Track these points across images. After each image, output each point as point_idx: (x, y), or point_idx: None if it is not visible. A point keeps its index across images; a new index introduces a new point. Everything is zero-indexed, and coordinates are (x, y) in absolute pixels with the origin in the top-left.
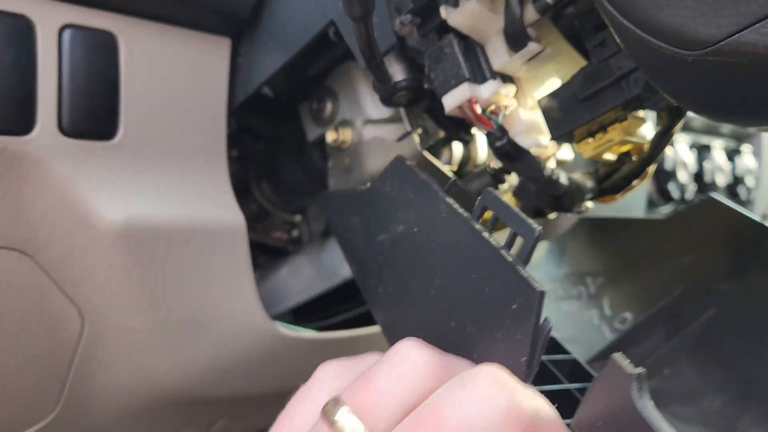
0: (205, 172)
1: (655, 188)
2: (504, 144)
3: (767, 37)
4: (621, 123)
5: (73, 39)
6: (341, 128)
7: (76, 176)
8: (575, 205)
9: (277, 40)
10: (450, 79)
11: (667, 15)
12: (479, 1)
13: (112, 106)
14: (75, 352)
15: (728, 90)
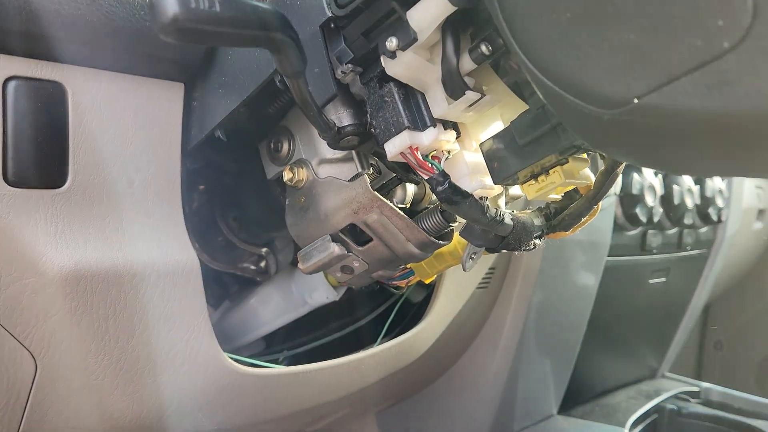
0: (159, 214)
1: (622, 212)
2: (445, 189)
3: (674, 100)
4: (562, 166)
5: (17, 90)
6: (297, 167)
7: (23, 225)
8: (522, 243)
9: (228, 86)
10: (391, 126)
11: (583, 75)
12: (416, 52)
13: (61, 155)
14: (29, 393)
15: (644, 145)
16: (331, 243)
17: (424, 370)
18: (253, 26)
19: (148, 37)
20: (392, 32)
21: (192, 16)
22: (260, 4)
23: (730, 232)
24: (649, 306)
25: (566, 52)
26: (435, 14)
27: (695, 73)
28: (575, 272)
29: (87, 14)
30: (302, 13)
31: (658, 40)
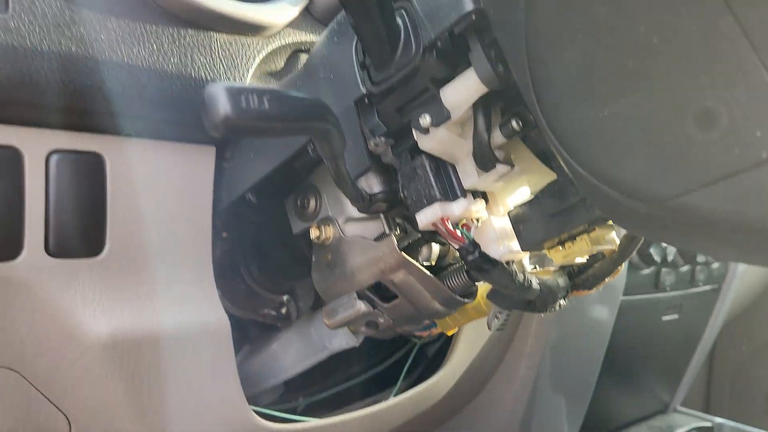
0: (191, 278)
1: (636, 252)
2: (476, 258)
3: (711, 201)
4: (589, 233)
5: (59, 163)
6: (324, 225)
7: (62, 293)
8: (548, 306)
9: (260, 151)
10: (422, 198)
11: (621, 170)
12: (449, 128)
13: (99, 224)
14: None
15: (679, 237)
16: (357, 300)
17: (441, 411)
18: (298, 119)
19: (182, 105)
20: (425, 109)
21: (243, 115)
22: (305, 96)
23: (742, 266)
24: (662, 342)
25: (604, 148)
26: (468, 94)
27: (733, 179)
28: (591, 311)
29: (126, 88)
30: (336, 86)
31: (696, 145)
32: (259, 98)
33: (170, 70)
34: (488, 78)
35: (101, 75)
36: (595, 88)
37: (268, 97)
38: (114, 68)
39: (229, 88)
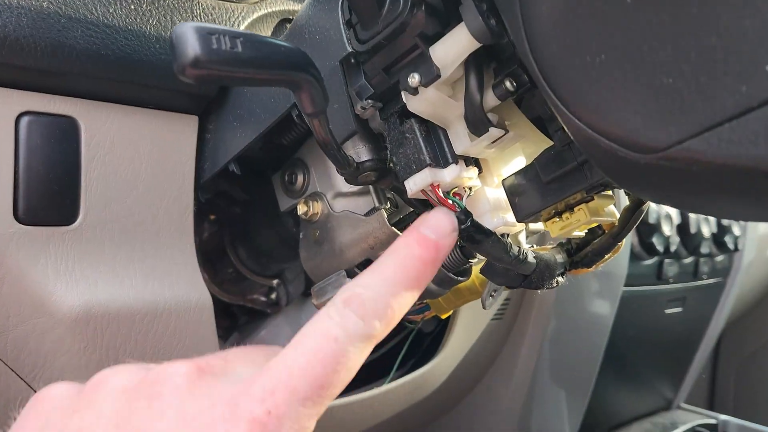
0: (171, 251)
1: (638, 242)
2: (467, 227)
3: (714, 146)
4: (587, 203)
5: (30, 126)
6: (312, 201)
7: (32, 263)
8: (545, 282)
9: (243, 119)
10: (411, 164)
11: (619, 119)
12: (439, 88)
13: (72, 191)
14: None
15: (680, 191)
16: (346, 278)
17: (437, 402)
18: (275, 66)
19: (163, 71)
20: (414, 68)
21: (213, 57)
22: (282, 43)
23: (747, 260)
24: (665, 336)
25: (601, 96)
26: (459, 50)
27: (740, 119)
28: (591, 302)
29: (102, 48)
30: (322, 47)
31: (699, 84)
32: (231, 40)
33: (149, 32)
34: (480, 32)
35: (75, 34)
36: (591, 32)
37: (242, 39)
38: (89, 27)
39: (199, 27)
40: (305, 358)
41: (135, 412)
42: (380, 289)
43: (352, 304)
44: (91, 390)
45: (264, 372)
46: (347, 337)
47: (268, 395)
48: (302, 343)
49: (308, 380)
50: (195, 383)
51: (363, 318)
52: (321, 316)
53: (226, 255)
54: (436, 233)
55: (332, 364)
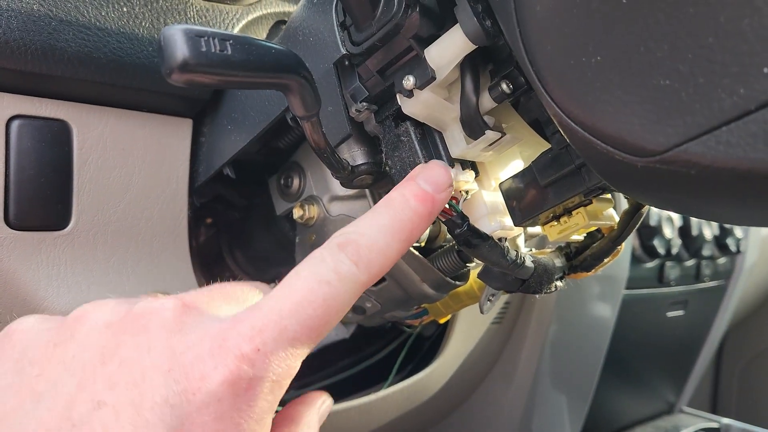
0: (165, 255)
1: (639, 244)
2: (464, 231)
3: (712, 149)
4: (586, 207)
5: (21, 129)
6: (307, 204)
7: (23, 268)
8: (543, 286)
9: (237, 122)
10: (407, 167)
11: (615, 121)
12: (434, 91)
13: (64, 195)
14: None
15: (678, 194)
16: None
17: (436, 407)
18: (266, 69)
19: (156, 73)
20: (409, 70)
21: (202, 60)
22: (273, 45)
23: (749, 262)
24: (667, 339)
25: (596, 97)
26: (454, 52)
27: (738, 122)
28: (592, 305)
29: (93, 51)
30: (315, 49)
31: (697, 86)
32: (221, 43)
33: (141, 35)
34: (475, 33)
35: (66, 36)
36: (586, 33)
37: (231, 42)
38: (80, 30)
39: (188, 29)
40: (296, 299)
41: (121, 345)
42: (375, 237)
43: (347, 248)
44: (72, 323)
45: (254, 310)
46: (339, 281)
47: (257, 333)
48: (294, 284)
49: (298, 321)
50: (182, 318)
51: (356, 263)
52: (314, 258)
53: (222, 259)
54: (433, 187)
55: (322, 307)
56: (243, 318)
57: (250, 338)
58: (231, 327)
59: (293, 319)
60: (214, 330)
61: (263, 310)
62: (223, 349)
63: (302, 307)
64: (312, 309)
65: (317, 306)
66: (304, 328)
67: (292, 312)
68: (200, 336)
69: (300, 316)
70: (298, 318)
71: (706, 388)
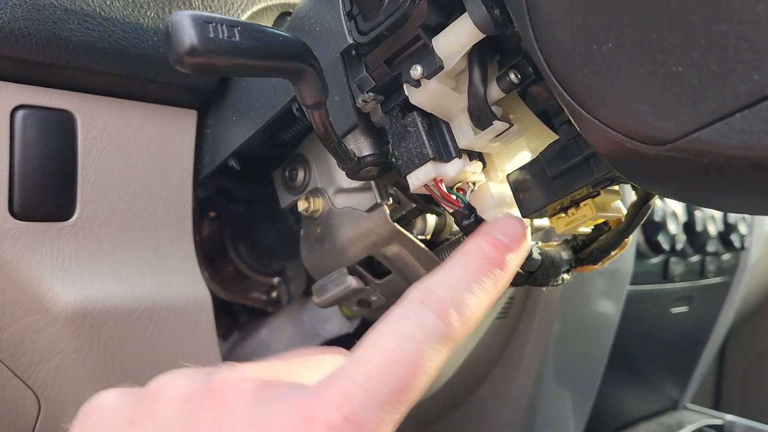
0: (169, 247)
1: (644, 240)
2: (471, 223)
3: (726, 136)
4: (594, 199)
5: (25, 119)
6: (312, 197)
7: (29, 259)
8: (550, 279)
9: (242, 113)
10: (414, 158)
11: (627, 109)
12: (441, 81)
13: (69, 186)
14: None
15: (690, 183)
16: (347, 276)
17: (440, 403)
18: (274, 56)
19: (161, 64)
20: (416, 60)
21: (210, 46)
22: (281, 33)
23: (753, 259)
24: (671, 335)
25: (608, 85)
26: (462, 42)
27: (752, 109)
28: (596, 301)
29: (98, 41)
30: (322, 39)
31: (710, 72)
32: (229, 29)
33: (147, 25)
34: (484, 22)
35: (71, 26)
36: (597, 19)
37: (239, 28)
38: (85, 19)
39: (196, 15)
40: (382, 360)
41: (201, 422)
42: (457, 288)
43: (429, 302)
44: (149, 398)
45: (338, 375)
46: (426, 337)
47: (344, 401)
48: (378, 344)
49: (387, 383)
50: (262, 389)
51: (441, 317)
52: (396, 315)
53: (226, 253)
54: (508, 238)
55: (411, 366)
56: (327, 384)
57: (338, 407)
58: (316, 396)
59: (381, 382)
60: (297, 400)
61: (348, 375)
62: (309, 422)
63: (389, 367)
64: (400, 369)
65: (405, 365)
66: (393, 392)
67: (379, 374)
68: (283, 408)
69: (388, 378)
70: (386, 380)
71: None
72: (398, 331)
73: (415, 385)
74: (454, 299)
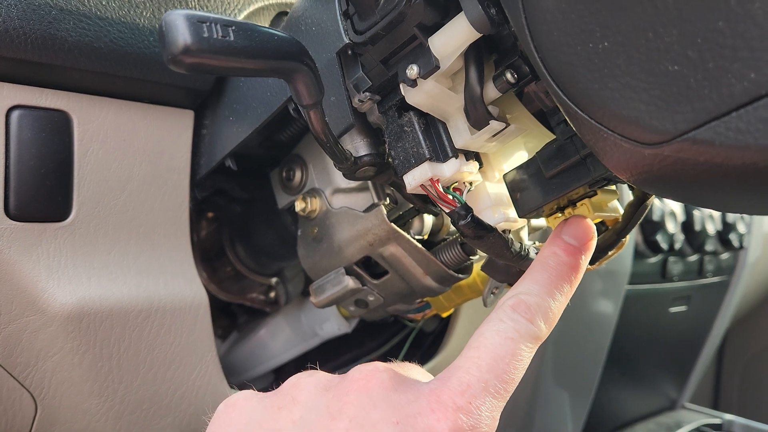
0: (166, 248)
1: (642, 239)
2: (468, 223)
3: (722, 135)
4: (590, 199)
5: (21, 120)
6: (310, 197)
7: (24, 259)
8: None
9: (239, 113)
10: (410, 158)
11: (622, 108)
12: (438, 80)
13: (65, 186)
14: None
15: (687, 183)
16: (345, 276)
17: None
18: (268, 55)
19: (157, 64)
20: (413, 59)
21: (204, 46)
22: (276, 32)
23: (752, 258)
24: (669, 335)
25: (603, 84)
26: (459, 41)
27: (748, 108)
28: (594, 301)
29: (94, 41)
30: (318, 39)
31: (706, 71)
32: (223, 29)
33: (143, 25)
34: (480, 21)
35: (66, 26)
36: (593, 18)
37: (234, 28)
38: (81, 19)
39: (190, 15)
40: (490, 356)
41: (347, 404)
42: (541, 294)
43: (519, 308)
44: (289, 389)
45: (455, 370)
46: (520, 337)
47: (465, 388)
48: (482, 344)
49: (496, 375)
50: (396, 379)
51: (531, 320)
52: (493, 320)
53: (224, 253)
54: (578, 240)
55: (511, 361)
56: (449, 376)
57: (462, 392)
58: (441, 385)
59: (491, 374)
60: (426, 389)
61: (464, 368)
62: (440, 403)
63: (496, 362)
64: (504, 364)
65: (508, 361)
66: (501, 382)
67: (489, 367)
68: (416, 394)
69: (496, 371)
70: (495, 373)
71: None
72: (498, 332)
73: (515, 375)
74: (539, 305)
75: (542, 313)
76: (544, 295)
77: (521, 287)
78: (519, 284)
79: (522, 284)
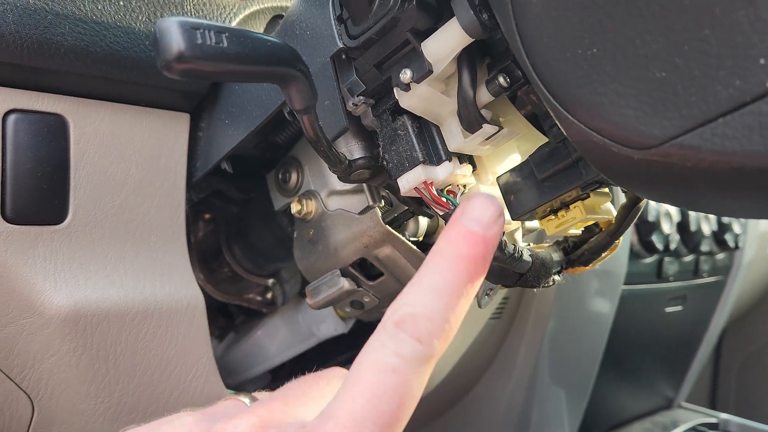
0: (162, 250)
1: (638, 240)
2: None
3: (709, 141)
4: (583, 201)
5: (18, 124)
6: (305, 199)
7: (21, 263)
8: (541, 280)
9: (235, 116)
10: (404, 161)
11: (611, 113)
12: (431, 84)
13: (61, 190)
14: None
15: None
16: (340, 278)
17: (435, 402)
18: (262, 62)
19: (153, 68)
20: (406, 64)
21: (198, 52)
22: (269, 38)
23: (747, 258)
24: (665, 334)
25: (592, 90)
26: (451, 46)
27: (734, 114)
28: (590, 301)
29: (90, 45)
30: (312, 43)
31: (693, 78)
32: (217, 35)
33: (138, 29)
34: (472, 26)
35: (62, 30)
36: (582, 25)
37: (227, 34)
38: (77, 24)
39: (183, 21)
40: (365, 398)
41: None
42: (433, 303)
43: (405, 325)
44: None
45: (325, 420)
46: (406, 364)
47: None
48: (359, 381)
49: (374, 420)
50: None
51: (419, 339)
52: (373, 345)
53: (221, 254)
54: (481, 224)
55: (395, 398)
56: (317, 428)
57: None
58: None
59: (368, 421)
60: None
61: (335, 418)
62: None
63: (373, 405)
64: (385, 404)
65: (389, 398)
66: (381, 427)
67: (364, 414)
68: None
69: (374, 414)
70: (373, 417)
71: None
72: (376, 362)
73: (402, 414)
74: (430, 317)
75: (435, 327)
76: (438, 304)
77: (409, 296)
78: (406, 290)
79: (410, 291)
